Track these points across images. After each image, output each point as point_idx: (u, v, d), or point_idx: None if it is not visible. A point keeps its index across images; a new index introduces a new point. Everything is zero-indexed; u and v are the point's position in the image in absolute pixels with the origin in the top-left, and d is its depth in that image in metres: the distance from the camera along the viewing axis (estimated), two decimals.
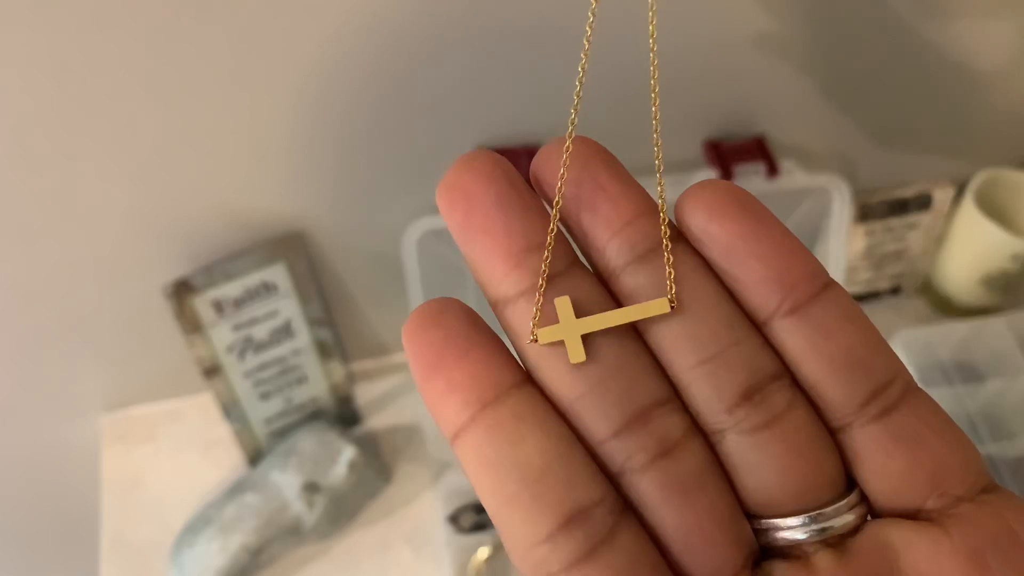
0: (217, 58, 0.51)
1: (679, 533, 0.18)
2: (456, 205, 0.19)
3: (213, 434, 0.73)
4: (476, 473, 0.18)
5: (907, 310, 0.82)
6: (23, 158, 0.53)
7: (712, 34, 0.58)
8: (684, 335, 0.18)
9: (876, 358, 0.18)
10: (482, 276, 0.19)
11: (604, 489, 0.18)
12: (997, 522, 0.17)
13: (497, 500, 0.17)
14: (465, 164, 0.19)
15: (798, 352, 0.18)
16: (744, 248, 0.18)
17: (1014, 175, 0.75)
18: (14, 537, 0.87)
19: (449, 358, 0.18)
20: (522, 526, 0.17)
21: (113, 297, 0.64)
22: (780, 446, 0.18)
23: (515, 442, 0.17)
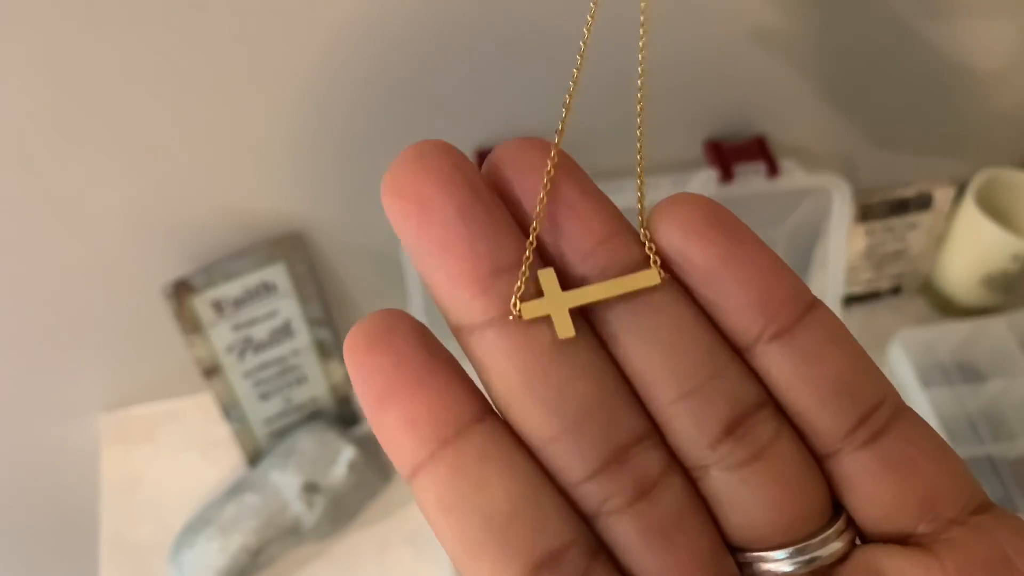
0: (217, 59, 0.51)
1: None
2: (409, 214, 0.17)
3: (213, 434, 0.73)
4: (436, 518, 0.16)
5: (908, 310, 0.82)
6: (23, 159, 0.53)
7: (713, 34, 0.58)
8: (664, 368, 0.17)
9: (864, 381, 0.17)
10: (442, 299, 0.17)
11: (576, 530, 0.16)
12: (989, 546, 0.17)
13: (461, 548, 0.16)
14: (416, 161, 0.17)
15: (783, 380, 0.17)
16: (724, 272, 0.17)
17: (1015, 175, 0.75)
18: (14, 537, 0.87)
19: (402, 388, 0.16)
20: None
21: (113, 297, 0.64)
22: (766, 480, 0.17)
23: (480, 485, 0.16)
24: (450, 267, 0.16)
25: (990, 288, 0.76)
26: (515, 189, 0.17)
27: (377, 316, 0.16)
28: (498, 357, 0.16)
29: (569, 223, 0.17)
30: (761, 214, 0.68)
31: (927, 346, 0.71)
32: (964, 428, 0.66)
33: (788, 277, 0.17)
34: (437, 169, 0.16)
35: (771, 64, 0.62)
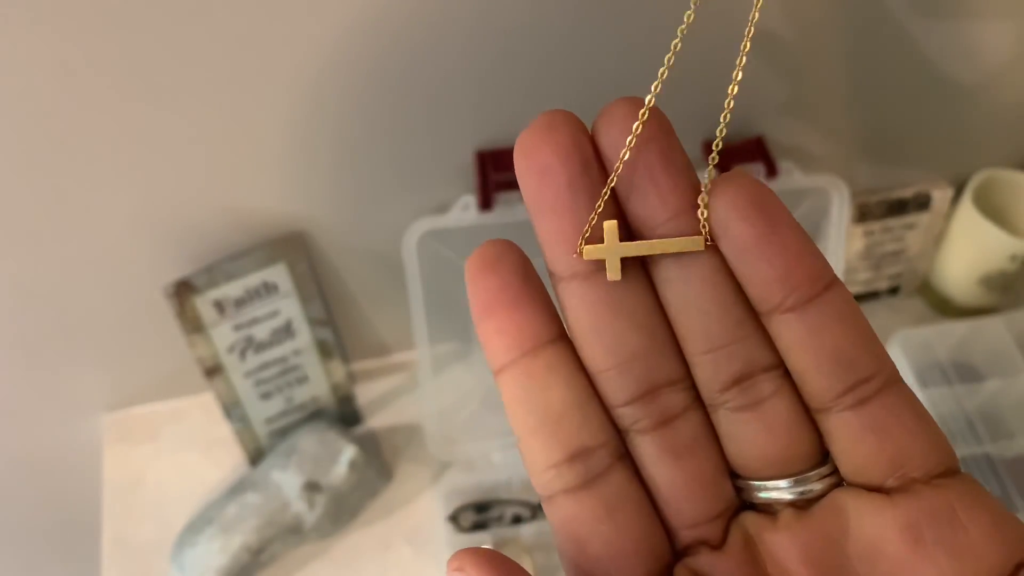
0: (220, 61, 0.51)
1: (667, 488, 0.21)
2: (531, 176, 0.21)
3: (214, 434, 0.74)
4: (510, 405, 0.21)
5: (906, 310, 0.82)
6: (25, 160, 0.53)
7: (711, 35, 0.59)
8: (697, 326, 0.21)
9: (861, 355, 0.20)
10: (545, 248, 0.21)
11: (609, 437, 0.21)
12: (940, 501, 0.20)
13: (523, 430, 0.21)
14: (544, 130, 0.21)
15: (791, 344, 0.20)
16: (756, 249, 0.20)
17: (1012, 175, 0.75)
18: (16, 536, 0.87)
19: (500, 306, 0.21)
20: (539, 453, 0.21)
21: (115, 297, 0.64)
22: (758, 423, 0.21)
23: (543, 388, 0.21)
24: (554, 225, 0.21)
25: (988, 288, 0.76)
26: (610, 149, 0.21)
27: (491, 244, 0.21)
28: (576, 302, 0.21)
29: (649, 194, 0.21)
30: None
31: (925, 346, 0.71)
32: (962, 427, 0.67)
33: (812, 258, 0.20)
34: (558, 142, 0.20)
35: (770, 65, 0.62)
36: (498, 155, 0.61)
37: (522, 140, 0.21)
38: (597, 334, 0.21)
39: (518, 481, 0.68)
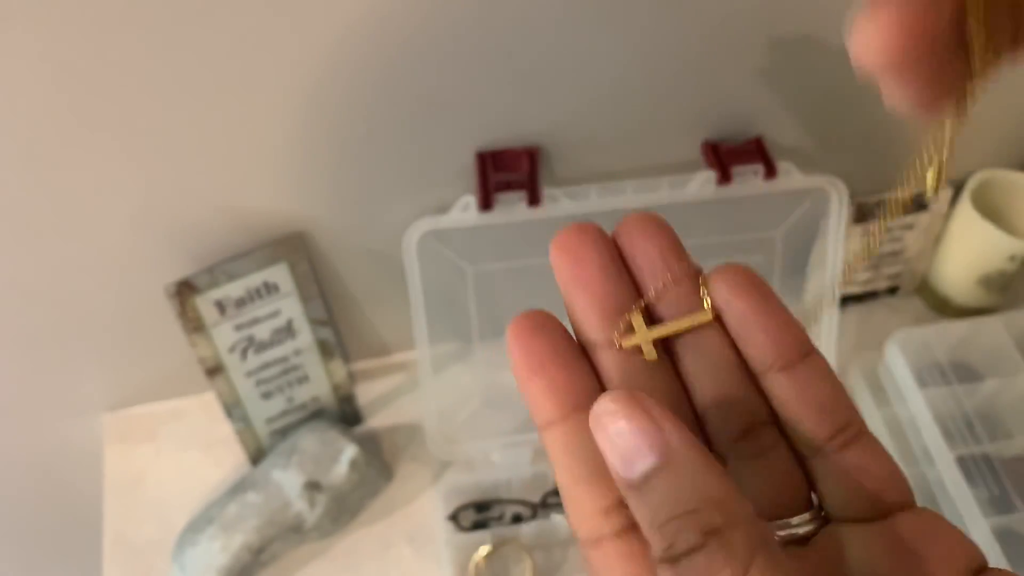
0: (221, 63, 0.51)
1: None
2: (568, 264, 0.25)
3: (215, 433, 0.74)
4: (559, 456, 0.24)
5: (904, 310, 0.82)
6: (27, 160, 0.53)
7: (711, 37, 0.59)
8: (713, 386, 0.25)
9: (840, 407, 0.25)
10: (577, 321, 0.25)
11: None
12: (913, 526, 0.24)
13: (571, 478, 0.23)
14: (578, 231, 0.26)
15: (783, 399, 0.25)
16: (753, 320, 0.25)
17: (1011, 176, 0.76)
18: (18, 535, 0.87)
19: (549, 366, 0.24)
20: (587, 500, 0.23)
21: (116, 297, 0.64)
22: (766, 471, 0.25)
23: (590, 441, 0.23)
24: (589, 302, 0.25)
25: (986, 288, 0.77)
26: (634, 256, 0.26)
27: (534, 312, 0.25)
28: (608, 366, 0.25)
29: (668, 296, 0.26)
30: (759, 215, 0.68)
31: (924, 345, 0.71)
32: (961, 427, 0.67)
33: (797, 328, 0.25)
34: (591, 239, 0.26)
35: (769, 67, 0.62)
36: (498, 156, 0.62)
37: (559, 237, 0.26)
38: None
39: (518, 481, 0.68)
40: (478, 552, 0.65)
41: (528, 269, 0.68)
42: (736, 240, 0.69)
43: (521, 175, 0.62)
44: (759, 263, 0.71)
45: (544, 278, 0.77)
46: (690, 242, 0.77)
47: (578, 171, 0.66)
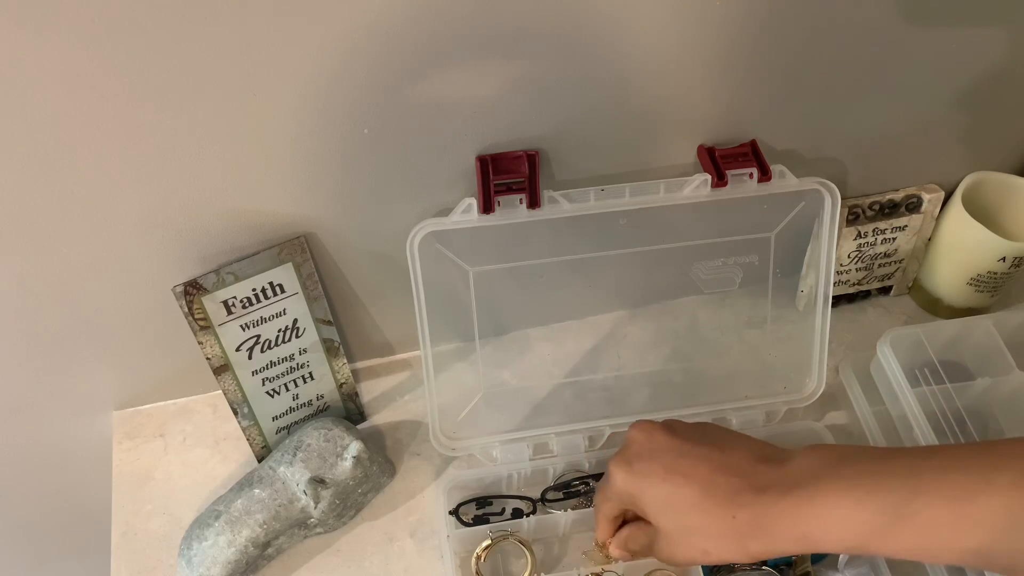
0: (226, 67, 0.52)
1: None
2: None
3: (222, 430, 0.75)
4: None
5: (896, 310, 0.83)
6: (38, 163, 0.54)
7: (707, 41, 0.60)
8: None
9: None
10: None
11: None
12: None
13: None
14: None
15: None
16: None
17: (1001, 178, 0.76)
18: (28, 529, 0.88)
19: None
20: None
21: (125, 298, 0.65)
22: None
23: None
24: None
25: (977, 289, 0.77)
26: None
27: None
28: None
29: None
30: (753, 217, 0.69)
31: (916, 345, 0.71)
32: (952, 425, 0.67)
33: None
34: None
35: (763, 71, 0.63)
36: (498, 159, 0.62)
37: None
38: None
39: (518, 476, 0.69)
40: (479, 546, 0.66)
41: (528, 269, 0.68)
42: (731, 241, 0.70)
43: (521, 178, 0.62)
44: (753, 264, 0.72)
45: (543, 278, 0.78)
46: (686, 244, 0.78)
47: (577, 174, 0.66)
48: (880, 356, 0.71)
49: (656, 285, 0.76)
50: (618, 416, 0.72)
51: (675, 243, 0.69)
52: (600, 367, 0.76)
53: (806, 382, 0.74)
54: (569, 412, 0.73)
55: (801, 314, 0.76)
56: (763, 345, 0.75)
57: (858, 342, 0.80)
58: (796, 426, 0.73)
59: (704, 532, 0.49)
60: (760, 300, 0.74)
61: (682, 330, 0.77)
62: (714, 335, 0.77)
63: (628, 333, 0.79)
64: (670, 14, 0.57)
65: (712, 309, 0.77)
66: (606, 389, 0.75)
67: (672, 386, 0.75)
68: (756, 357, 0.76)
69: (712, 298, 0.75)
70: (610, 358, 0.77)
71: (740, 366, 0.75)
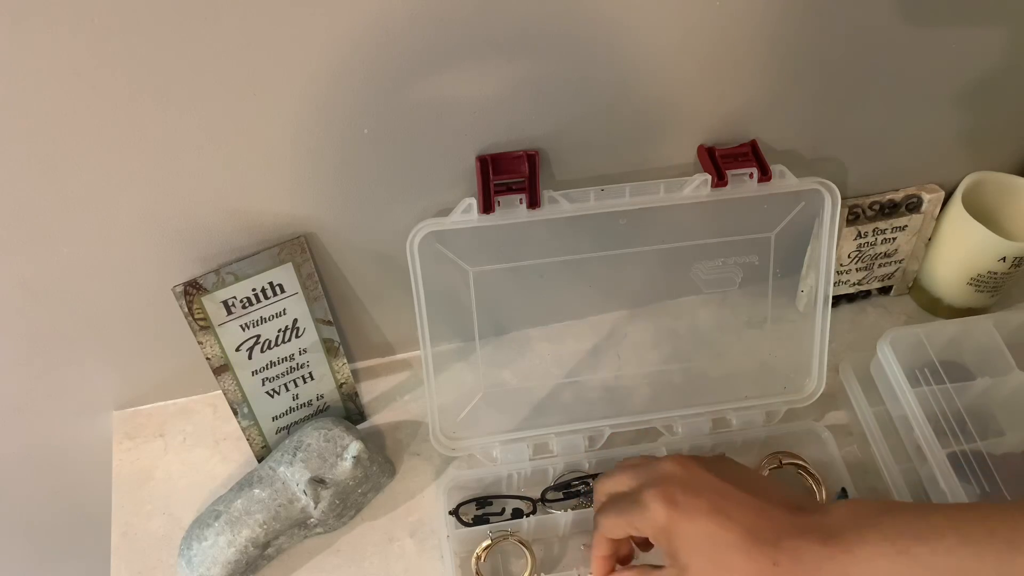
0: (227, 66, 0.52)
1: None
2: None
3: (222, 430, 0.75)
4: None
5: (897, 310, 0.83)
6: (38, 163, 0.54)
7: (706, 42, 0.60)
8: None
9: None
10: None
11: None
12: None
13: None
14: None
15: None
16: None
17: (1001, 178, 0.76)
18: (29, 529, 0.88)
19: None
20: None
21: (125, 298, 0.65)
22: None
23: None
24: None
25: (977, 288, 0.77)
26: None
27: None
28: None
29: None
30: (753, 217, 0.69)
31: (916, 345, 0.72)
32: (952, 425, 0.67)
33: None
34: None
35: (763, 71, 0.63)
36: (498, 159, 0.62)
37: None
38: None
39: (518, 476, 0.69)
40: (479, 546, 0.66)
41: (528, 269, 0.69)
42: (731, 241, 0.70)
43: (521, 178, 0.62)
44: (753, 264, 0.72)
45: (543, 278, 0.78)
46: (686, 244, 0.78)
47: (577, 174, 0.67)
48: (880, 356, 0.71)
49: (656, 285, 0.76)
50: (618, 416, 0.72)
51: (675, 243, 0.69)
52: (600, 367, 0.76)
53: (806, 382, 0.74)
54: (569, 412, 0.73)
55: (801, 314, 0.76)
56: (763, 345, 0.75)
57: (858, 342, 0.80)
58: (796, 426, 0.73)
59: (744, 575, 0.48)
60: (760, 300, 0.74)
61: (682, 330, 0.78)
62: (714, 335, 0.77)
63: (628, 333, 0.79)
64: (670, 14, 0.57)
65: (712, 309, 0.77)
66: (606, 389, 0.75)
67: (672, 386, 0.75)
68: (756, 357, 0.76)
69: (712, 298, 0.75)
70: (610, 358, 0.77)
71: (740, 366, 0.75)
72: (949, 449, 0.66)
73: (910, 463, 0.70)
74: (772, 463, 0.70)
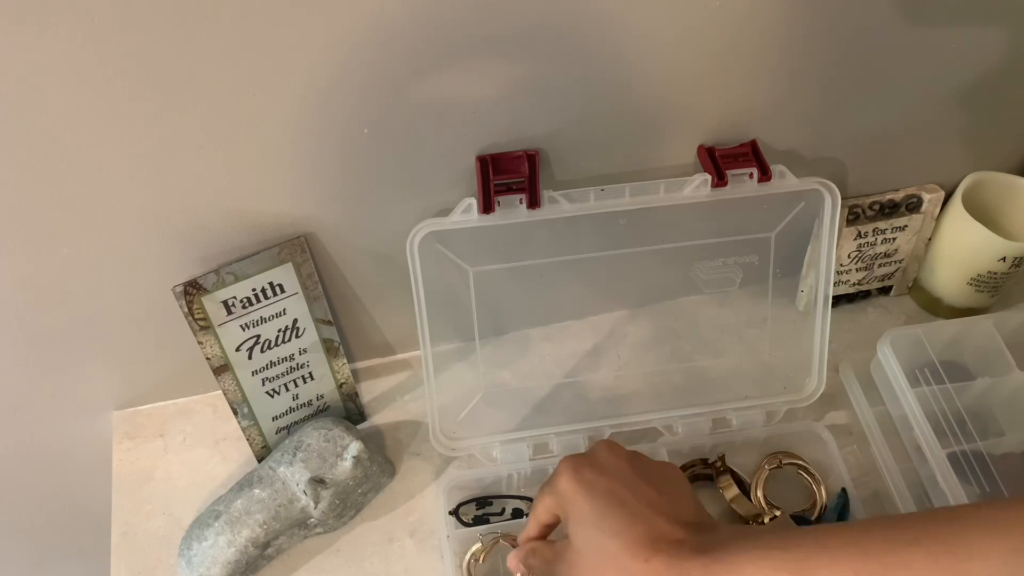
0: (227, 66, 0.52)
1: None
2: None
3: (222, 430, 0.75)
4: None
5: (897, 310, 0.83)
6: (38, 163, 0.54)
7: (706, 42, 0.60)
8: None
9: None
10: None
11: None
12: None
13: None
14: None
15: None
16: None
17: (1001, 178, 0.76)
18: (29, 529, 0.88)
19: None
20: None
21: (125, 298, 0.65)
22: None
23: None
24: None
25: (977, 289, 0.77)
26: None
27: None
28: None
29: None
30: (754, 217, 0.69)
31: (916, 345, 0.72)
32: (952, 425, 0.67)
33: None
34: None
35: (764, 71, 0.63)
36: (498, 159, 0.62)
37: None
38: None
39: (518, 476, 0.69)
40: (478, 546, 0.66)
41: (528, 269, 0.69)
42: (731, 241, 0.70)
43: (521, 178, 0.63)
44: (753, 264, 0.72)
45: (543, 278, 0.78)
46: (686, 244, 0.78)
47: (577, 174, 0.67)
48: (880, 356, 0.71)
49: (656, 285, 0.76)
50: (618, 416, 0.72)
51: (675, 243, 0.69)
52: (600, 367, 0.76)
53: (806, 382, 0.74)
54: (569, 412, 0.73)
55: (801, 314, 0.76)
56: (763, 345, 0.75)
57: (858, 342, 0.80)
58: (796, 426, 0.73)
59: (615, 563, 0.48)
60: (760, 300, 0.74)
61: (682, 330, 0.78)
62: (714, 335, 0.77)
63: (628, 333, 0.79)
64: (670, 14, 0.57)
65: (712, 309, 0.77)
66: (606, 389, 0.75)
67: (672, 386, 0.75)
68: (756, 357, 0.76)
69: (712, 298, 0.75)
70: (610, 358, 0.77)
71: (740, 366, 0.75)
72: (949, 449, 0.66)
73: (910, 463, 0.70)
74: (772, 463, 0.70)
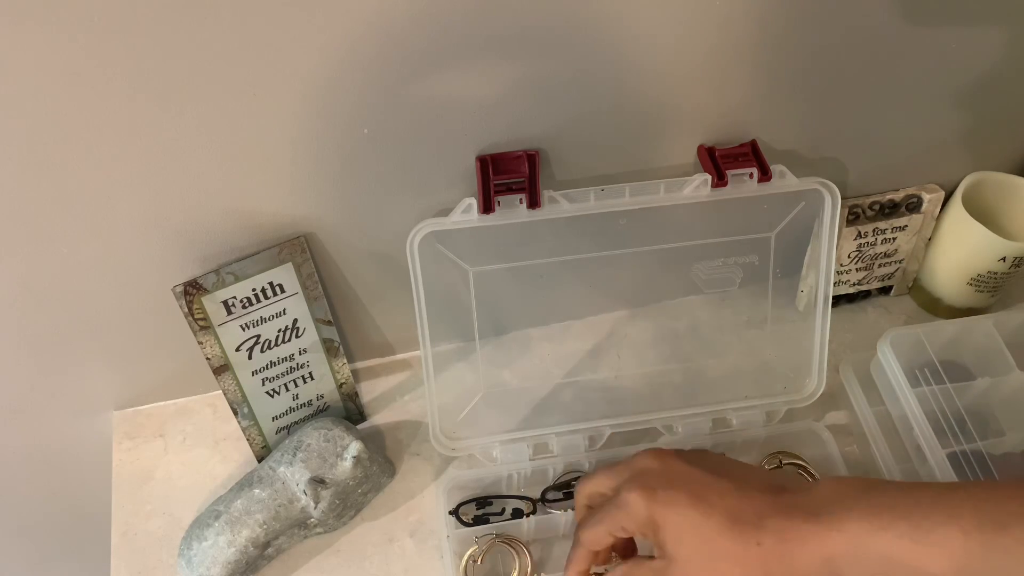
0: (227, 66, 0.52)
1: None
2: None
3: (222, 430, 0.75)
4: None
5: (897, 310, 0.83)
6: (37, 163, 0.54)
7: (706, 42, 0.60)
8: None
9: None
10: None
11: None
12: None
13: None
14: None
15: None
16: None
17: (1001, 178, 0.76)
18: (29, 529, 0.88)
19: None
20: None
21: (125, 298, 0.65)
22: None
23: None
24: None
25: (977, 289, 0.78)
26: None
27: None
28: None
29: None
30: (754, 217, 0.69)
31: (916, 345, 0.72)
32: (952, 425, 0.67)
33: None
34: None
35: (764, 71, 0.63)
36: (498, 159, 0.62)
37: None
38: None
39: (518, 476, 0.69)
40: (478, 546, 0.66)
41: (528, 269, 0.69)
42: (731, 241, 0.70)
43: (521, 178, 0.63)
44: (753, 264, 0.72)
45: (543, 278, 0.78)
46: (686, 244, 0.78)
47: (577, 174, 0.67)
48: (880, 356, 0.71)
49: (656, 285, 0.76)
50: (618, 416, 0.72)
51: (675, 243, 0.69)
52: (600, 367, 0.76)
53: (806, 382, 0.74)
54: (569, 412, 0.73)
55: (801, 314, 0.76)
56: (763, 345, 0.75)
57: (858, 342, 0.80)
58: (796, 426, 0.73)
59: (730, 558, 0.48)
60: (760, 300, 0.74)
61: (682, 330, 0.78)
62: (714, 335, 0.77)
63: (628, 333, 0.79)
64: (670, 14, 0.57)
65: (712, 309, 0.77)
66: (606, 389, 0.75)
67: (672, 386, 0.75)
68: (756, 357, 0.76)
69: (712, 298, 0.75)
70: (610, 358, 0.77)
71: (740, 366, 0.76)
72: (949, 449, 0.66)
73: (910, 463, 0.70)
74: (772, 463, 0.71)
